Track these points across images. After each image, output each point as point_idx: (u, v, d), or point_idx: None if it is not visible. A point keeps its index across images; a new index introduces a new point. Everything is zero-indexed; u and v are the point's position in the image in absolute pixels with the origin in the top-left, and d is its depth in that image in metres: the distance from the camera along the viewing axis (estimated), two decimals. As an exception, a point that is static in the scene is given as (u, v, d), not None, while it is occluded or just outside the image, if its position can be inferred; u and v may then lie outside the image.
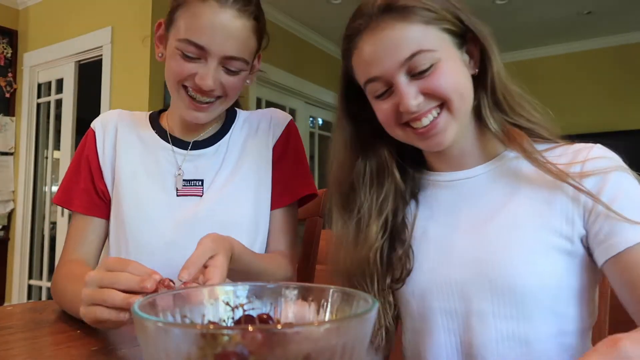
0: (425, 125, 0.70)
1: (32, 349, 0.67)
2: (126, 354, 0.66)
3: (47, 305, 0.95)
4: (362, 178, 0.80)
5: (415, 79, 0.69)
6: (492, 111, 0.74)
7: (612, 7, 4.11)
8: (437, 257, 0.74)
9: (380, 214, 0.78)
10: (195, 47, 0.85)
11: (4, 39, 3.87)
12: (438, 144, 0.72)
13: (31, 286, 3.82)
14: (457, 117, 0.71)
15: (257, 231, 0.97)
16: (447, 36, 0.71)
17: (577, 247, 0.67)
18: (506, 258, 0.68)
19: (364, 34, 0.71)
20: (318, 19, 4.31)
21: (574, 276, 0.68)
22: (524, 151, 0.71)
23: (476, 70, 0.75)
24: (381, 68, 0.70)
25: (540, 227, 0.68)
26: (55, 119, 3.83)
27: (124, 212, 0.95)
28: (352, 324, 0.34)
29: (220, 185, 0.96)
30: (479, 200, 0.75)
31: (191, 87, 0.89)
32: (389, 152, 0.80)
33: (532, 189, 0.71)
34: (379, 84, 0.71)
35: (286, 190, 1.00)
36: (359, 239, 0.78)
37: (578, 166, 0.68)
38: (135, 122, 1.04)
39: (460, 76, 0.71)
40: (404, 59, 0.68)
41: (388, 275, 0.76)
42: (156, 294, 0.42)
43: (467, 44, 0.74)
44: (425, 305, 0.74)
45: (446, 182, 0.79)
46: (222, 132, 1.02)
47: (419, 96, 0.69)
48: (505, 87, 0.74)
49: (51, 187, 3.90)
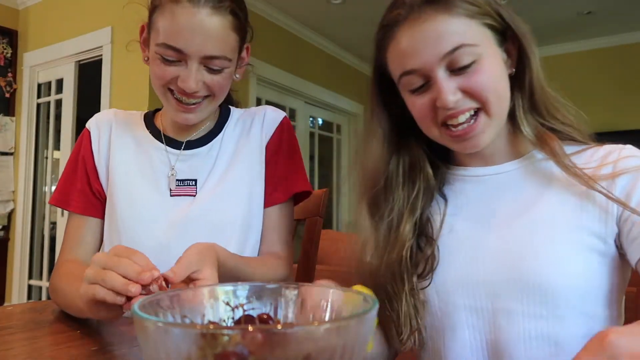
0: (461, 122, 0.68)
1: (32, 349, 0.67)
2: (126, 354, 0.66)
3: (47, 305, 0.95)
4: (396, 175, 0.78)
5: (455, 74, 0.67)
6: (526, 113, 0.73)
7: (612, 7, 4.11)
8: (464, 254, 0.72)
9: (413, 212, 0.76)
10: (174, 51, 0.84)
11: (4, 39, 3.87)
12: (474, 147, 0.70)
13: (31, 286, 3.82)
14: (495, 119, 0.69)
15: (250, 230, 0.96)
16: (489, 32, 0.69)
17: (610, 246, 0.67)
18: (539, 256, 0.67)
19: (404, 24, 0.68)
20: (318, 19, 4.31)
21: (604, 277, 0.67)
22: (554, 155, 0.70)
23: (513, 70, 0.73)
24: (420, 60, 0.67)
25: (574, 226, 0.67)
26: (55, 119, 3.83)
27: (118, 212, 0.95)
28: (352, 324, 0.34)
29: (213, 185, 0.96)
30: (508, 196, 0.73)
31: (176, 90, 0.88)
32: (421, 147, 0.78)
33: (564, 188, 0.70)
34: (415, 77, 0.69)
35: (280, 188, 0.99)
36: (389, 239, 0.76)
37: (610, 167, 0.68)
38: (130, 122, 1.04)
39: (500, 75, 0.69)
40: (445, 52, 0.65)
41: (415, 273, 0.74)
42: (155, 294, 0.42)
43: (506, 42, 0.72)
44: (448, 302, 0.72)
45: (473, 177, 0.77)
46: (215, 131, 1.01)
47: (457, 92, 0.67)
48: (543, 89, 0.73)
49: (51, 187, 3.89)
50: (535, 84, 0.72)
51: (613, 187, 0.66)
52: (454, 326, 0.72)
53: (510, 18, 0.70)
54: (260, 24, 3.92)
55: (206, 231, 0.92)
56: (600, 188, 0.65)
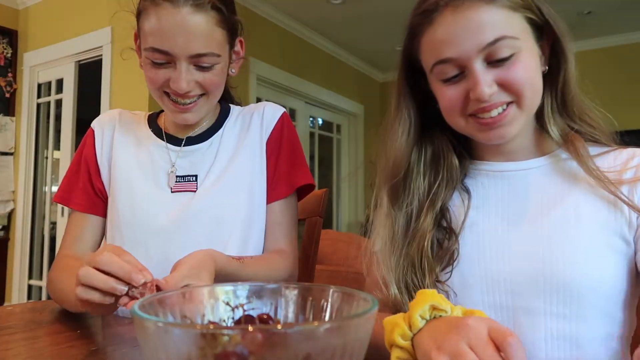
0: (493, 116, 0.67)
1: (32, 349, 0.67)
2: (126, 354, 0.66)
3: (47, 305, 0.95)
4: (418, 164, 0.77)
5: (493, 66, 0.66)
6: (554, 112, 0.72)
7: (612, 7, 4.11)
8: (486, 249, 0.71)
9: (434, 203, 0.75)
10: (161, 54, 0.85)
11: (4, 39, 3.87)
12: (501, 137, 0.69)
13: (31, 286, 3.82)
14: (525, 112, 0.68)
15: (252, 226, 0.96)
16: (529, 26, 0.68)
17: (631, 249, 0.66)
18: (565, 255, 0.65)
19: (445, 11, 0.66)
20: (318, 19, 4.31)
21: (625, 279, 0.66)
22: (579, 156, 0.70)
23: (545, 67, 0.71)
24: (458, 49, 0.65)
25: (600, 227, 0.66)
26: (55, 119, 3.83)
27: (119, 209, 0.96)
28: (352, 324, 0.34)
29: (214, 181, 0.96)
30: (531, 193, 0.72)
31: (170, 92, 0.90)
32: (446, 136, 0.77)
33: (590, 188, 0.69)
34: (450, 67, 0.67)
35: (282, 182, 0.99)
36: (409, 230, 0.75)
37: (632, 171, 0.68)
38: (134, 121, 1.05)
39: (536, 71, 0.68)
40: (486, 43, 0.64)
41: (437, 265, 0.72)
42: (150, 295, 0.42)
43: (542, 38, 0.71)
44: (467, 297, 0.70)
45: (497, 172, 0.76)
46: (216, 128, 1.02)
47: (493, 85, 0.66)
48: (576, 90, 0.72)
49: (51, 187, 3.89)
50: (569, 84, 0.71)
51: (634, 192, 0.66)
52: None
53: (550, 14, 0.69)
54: (260, 24, 3.91)
55: (207, 226, 0.92)
56: (620, 194, 0.65)
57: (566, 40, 0.70)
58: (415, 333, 0.52)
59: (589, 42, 4.88)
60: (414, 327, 0.52)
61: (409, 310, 0.54)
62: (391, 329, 0.53)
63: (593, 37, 4.80)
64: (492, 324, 0.47)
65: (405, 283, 0.72)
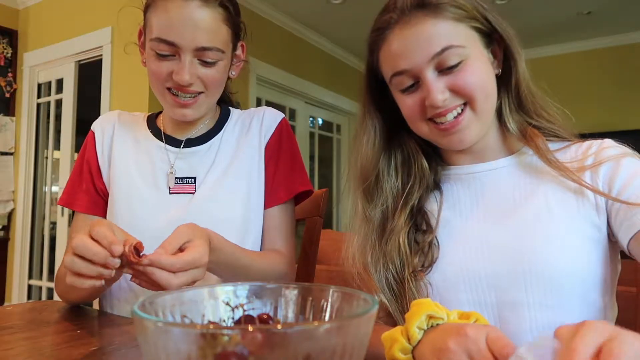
0: (449, 120, 0.71)
1: (32, 349, 0.67)
2: (126, 354, 0.66)
3: (47, 305, 0.95)
4: (388, 169, 0.81)
5: (443, 74, 0.70)
6: (512, 111, 0.77)
7: (612, 7, 4.11)
8: (463, 249, 0.74)
9: (408, 201, 0.79)
10: (167, 44, 0.87)
11: (4, 39, 3.87)
12: (460, 142, 0.73)
13: (31, 286, 3.82)
14: (480, 116, 0.72)
15: (248, 229, 0.97)
16: (476, 34, 0.73)
17: (603, 234, 0.69)
18: (540, 246, 0.68)
19: (395, 27, 0.72)
20: (318, 19, 4.31)
21: (600, 264, 0.69)
22: (538, 150, 0.74)
23: (499, 70, 0.76)
24: (410, 62, 0.71)
25: (571, 216, 0.70)
26: (55, 119, 3.83)
27: (117, 209, 0.97)
28: (352, 324, 0.34)
29: (212, 183, 0.97)
30: (502, 191, 0.76)
31: (172, 86, 0.90)
32: (414, 142, 0.82)
33: (557, 181, 0.72)
34: (405, 78, 0.72)
35: (281, 188, 1.00)
36: (385, 229, 0.78)
37: (591, 158, 0.72)
38: (133, 123, 1.06)
39: (487, 75, 0.73)
40: (434, 53, 0.69)
41: (414, 257, 0.75)
42: (158, 293, 0.42)
43: (492, 44, 0.75)
44: (452, 298, 0.73)
45: (466, 175, 0.80)
46: (215, 130, 1.03)
47: (445, 91, 0.70)
48: (529, 89, 0.76)
49: (51, 187, 3.89)
50: (521, 83, 0.75)
51: (596, 177, 0.70)
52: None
53: (496, 22, 0.74)
54: (260, 24, 3.91)
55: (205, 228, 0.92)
56: (585, 182, 0.69)
57: (514, 44, 0.74)
58: (415, 345, 0.53)
59: (589, 42, 4.88)
60: (412, 339, 0.53)
61: (405, 323, 0.55)
62: (390, 345, 0.54)
63: (593, 37, 4.80)
64: (491, 333, 0.47)
65: (387, 280, 0.75)
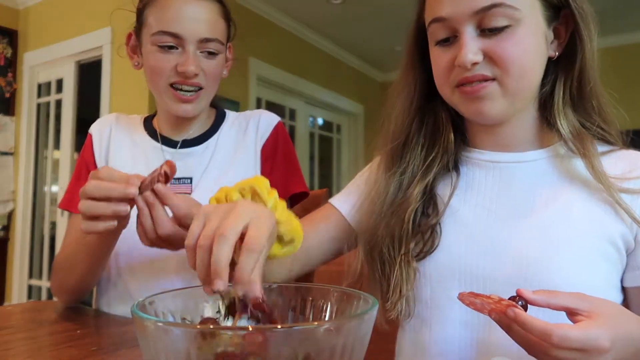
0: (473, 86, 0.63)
1: (32, 349, 0.67)
2: (126, 354, 0.66)
3: (47, 305, 0.95)
4: (418, 134, 0.74)
5: (484, 35, 0.61)
6: (566, 106, 0.66)
7: (612, 7, 4.11)
8: (466, 242, 0.67)
9: (425, 176, 0.72)
10: (171, 36, 0.89)
11: (4, 39, 3.86)
12: (479, 112, 0.64)
13: (31, 286, 3.82)
14: (508, 94, 0.63)
15: None
16: (538, 2, 0.62)
17: (623, 258, 0.63)
18: (550, 259, 0.61)
19: None
20: (318, 19, 4.31)
21: (610, 287, 0.63)
22: (586, 156, 0.64)
23: (556, 53, 0.66)
24: (451, 9, 0.62)
25: (592, 231, 0.62)
26: (55, 119, 3.82)
27: None
28: (352, 324, 0.34)
29: (209, 183, 0.97)
30: (522, 188, 0.67)
31: (176, 80, 0.91)
32: (447, 113, 0.74)
33: (587, 190, 0.64)
34: (442, 28, 0.64)
35: (277, 189, 1.00)
36: (396, 199, 0.72)
37: (636, 182, 0.64)
38: (130, 125, 1.07)
39: (534, 51, 0.62)
40: (480, 7, 0.60)
41: (414, 240, 0.69)
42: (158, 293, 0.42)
43: (558, 20, 0.65)
44: (441, 292, 0.67)
45: (488, 162, 0.71)
46: (211, 132, 1.04)
47: (479, 54, 0.61)
48: (595, 84, 0.65)
49: (51, 187, 3.89)
50: (586, 75, 0.65)
51: (636, 204, 0.62)
52: (443, 320, 0.67)
53: None
54: (260, 24, 3.91)
55: None
56: (624, 203, 0.61)
57: (587, 23, 0.63)
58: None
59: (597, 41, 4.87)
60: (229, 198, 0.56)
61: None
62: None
63: (600, 36, 4.79)
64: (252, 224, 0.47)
65: (380, 251, 0.70)
